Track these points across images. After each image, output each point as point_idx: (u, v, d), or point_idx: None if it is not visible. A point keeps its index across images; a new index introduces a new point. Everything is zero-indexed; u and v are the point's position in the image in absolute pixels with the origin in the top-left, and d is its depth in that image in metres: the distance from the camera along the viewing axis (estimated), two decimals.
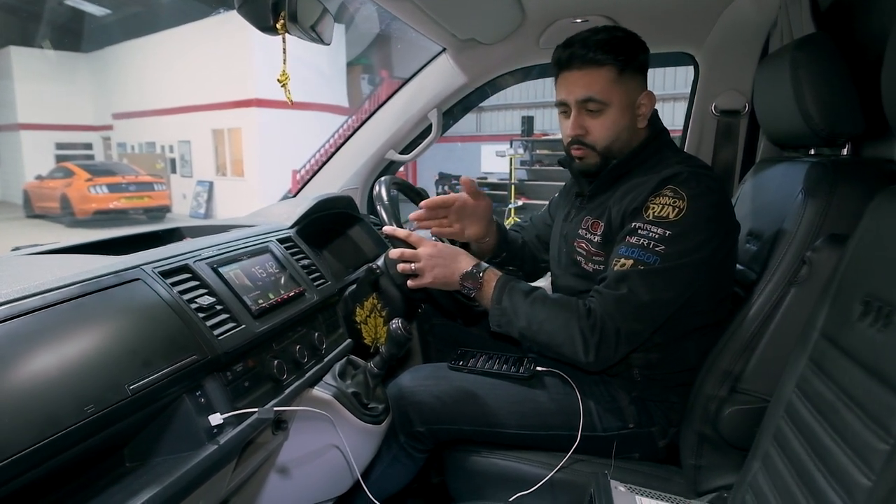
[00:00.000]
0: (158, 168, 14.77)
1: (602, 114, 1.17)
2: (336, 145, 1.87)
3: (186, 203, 14.19)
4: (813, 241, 1.05)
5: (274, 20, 0.97)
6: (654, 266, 1.06)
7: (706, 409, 1.11)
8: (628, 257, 1.08)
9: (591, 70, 1.15)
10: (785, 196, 1.17)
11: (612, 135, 1.19)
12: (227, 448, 0.83)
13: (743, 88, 1.60)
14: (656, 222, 1.08)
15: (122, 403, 0.69)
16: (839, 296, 0.85)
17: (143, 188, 12.61)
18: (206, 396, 0.84)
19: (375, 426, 1.12)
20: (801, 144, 1.31)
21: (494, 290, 1.18)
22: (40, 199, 13.21)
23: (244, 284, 1.01)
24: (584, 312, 1.09)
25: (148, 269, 0.86)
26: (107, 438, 0.70)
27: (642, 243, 1.08)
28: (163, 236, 1.30)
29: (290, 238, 1.26)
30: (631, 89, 1.18)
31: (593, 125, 1.19)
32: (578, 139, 1.21)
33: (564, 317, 1.10)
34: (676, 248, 1.06)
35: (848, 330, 0.79)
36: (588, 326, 1.07)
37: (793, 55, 1.15)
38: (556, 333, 1.10)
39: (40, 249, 1.05)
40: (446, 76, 1.69)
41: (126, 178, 12.59)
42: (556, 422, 1.20)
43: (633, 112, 1.20)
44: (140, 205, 12.56)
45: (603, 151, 1.20)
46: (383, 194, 1.32)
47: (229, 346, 0.88)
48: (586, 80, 1.16)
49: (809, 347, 0.87)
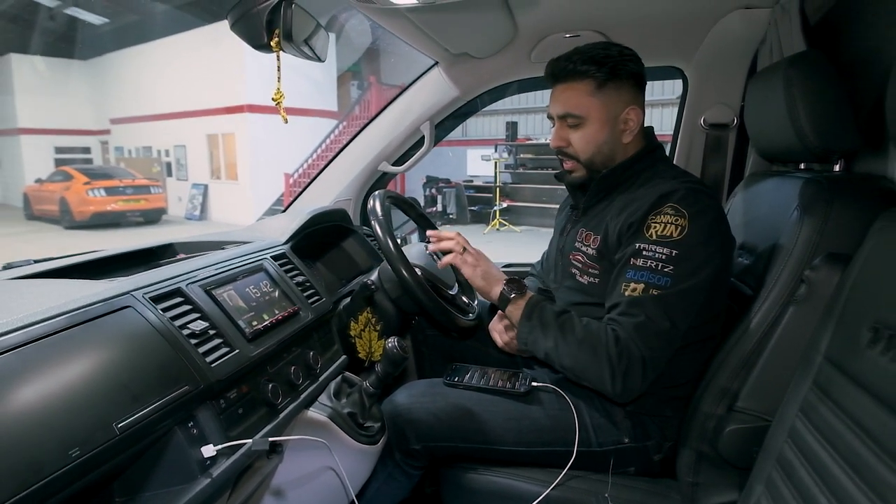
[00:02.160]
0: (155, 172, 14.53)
1: (581, 128, 1.15)
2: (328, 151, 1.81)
3: (182, 205, 13.99)
4: (810, 258, 1.01)
5: (268, 38, 0.91)
6: (667, 288, 1.01)
7: (704, 426, 1.07)
8: (638, 281, 1.03)
9: (572, 83, 1.14)
10: (778, 211, 1.13)
11: (591, 148, 1.16)
12: (221, 480, 0.77)
13: (732, 102, 1.56)
14: (660, 242, 1.04)
15: (110, 443, 0.63)
16: (844, 320, 0.80)
17: (140, 191, 12.38)
18: (199, 427, 0.78)
19: (371, 446, 1.06)
20: (792, 159, 1.27)
21: (525, 307, 1.13)
22: (40, 202, 12.95)
23: (238, 306, 0.95)
24: (612, 340, 1.03)
25: (139, 294, 0.80)
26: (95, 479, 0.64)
27: (650, 265, 1.03)
28: (157, 252, 1.23)
29: (285, 254, 1.19)
30: (612, 103, 1.14)
31: (574, 137, 1.17)
32: (560, 150, 1.19)
33: (593, 343, 1.04)
34: (684, 268, 1.02)
35: (856, 357, 0.75)
36: (616, 353, 1.01)
37: (786, 72, 1.11)
38: (582, 359, 1.05)
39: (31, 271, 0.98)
40: (439, 89, 1.63)
41: (123, 182, 12.35)
42: (552, 438, 1.15)
43: (616, 126, 1.15)
44: (137, 207, 12.34)
45: (586, 164, 1.18)
46: (377, 209, 1.25)
47: (223, 373, 0.82)
48: (566, 95, 1.15)
49: (813, 371, 0.83)
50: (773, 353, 1.01)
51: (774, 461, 0.85)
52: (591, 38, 1.48)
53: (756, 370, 1.02)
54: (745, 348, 1.04)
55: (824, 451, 0.74)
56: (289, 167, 11.79)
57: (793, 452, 0.81)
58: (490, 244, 10.02)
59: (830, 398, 0.77)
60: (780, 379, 0.96)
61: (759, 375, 1.02)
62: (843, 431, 0.72)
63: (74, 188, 11.89)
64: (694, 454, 1.08)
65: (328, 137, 11.87)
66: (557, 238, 1.34)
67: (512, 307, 1.15)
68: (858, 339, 0.75)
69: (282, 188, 11.86)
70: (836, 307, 0.83)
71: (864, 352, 0.73)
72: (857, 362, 0.74)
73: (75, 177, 12.20)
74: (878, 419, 0.67)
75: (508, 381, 1.21)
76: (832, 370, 0.79)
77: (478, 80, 1.62)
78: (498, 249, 9.45)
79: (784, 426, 0.85)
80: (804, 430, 0.80)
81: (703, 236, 1.03)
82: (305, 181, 3.32)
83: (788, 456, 0.81)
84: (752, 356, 1.03)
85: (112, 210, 11.97)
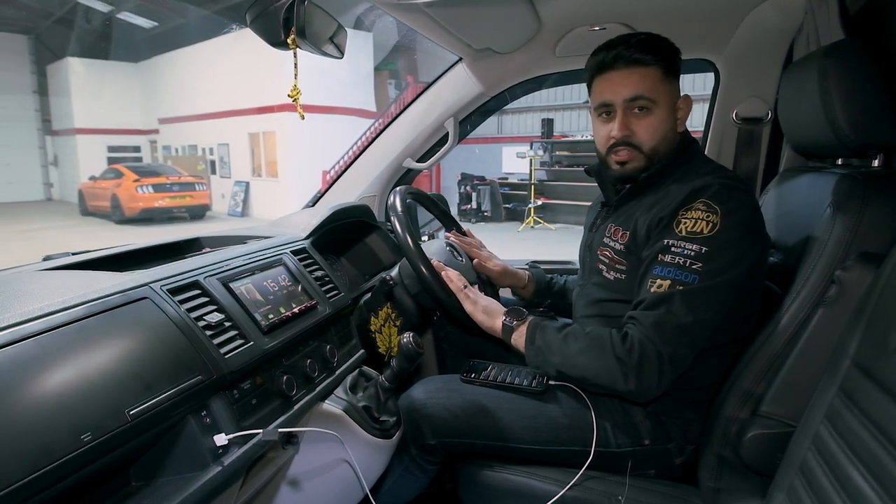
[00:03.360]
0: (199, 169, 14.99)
1: (650, 113, 1.10)
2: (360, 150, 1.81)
3: (225, 202, 14.38)
4: (842, 258, 0.96)
5: (285, 35, 0.92)
6: (694, 286, 0.98)
7: (726, 430, 1.03)
8: (665, 278, 1.00)
9: (638, 69, 1.09)
10: (811, 208, 1.08)
11: (658, 135, 1.12)
12: (232, 469, 0.78)
13: (765, 96, 1.49)
14: (690, 238, 1.00)
15: (122, 429, 0.65)
16: (874, 323, 0.76)
17: (186, 188, 12.80)
18: (212, 416, 0.79)
19: (385, 440, 1.06)
20: (827, 155, 1.21)
21: (527, 332, 1.11)
22: (93, 199, 13.52)
23: (255, 299, 0.96)
24: (618, 339, 1.00)
25: (156, 286, 0.82)
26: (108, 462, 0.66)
27: (678, 262, 0.99)
28: (184, 246, 1.26)
29: (305, 249, 1.20)
30: (673, 92, 1.12)
31: (640, 126, 1.11)
32: (625, 140, 1.12)
33: (598, 347, 1.02)
34: (714, 266, 0.98)
35: (883, 362, 0.70)
36: (624, 352, 0.98)
37: (821, 63, 1.06)
38: (591, 365, 1.02)
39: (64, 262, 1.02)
40: (463, 85, 1.62)
41: (170, 179, 12.79)
42: (568, 437, 1.13)
43: (674, 115, 1.13)
44: (182, 203, 12.76)
45: (649, 153, 1.12)
46: (397, 204, 1.25)
47: (236, 364, 0.83)
48: (634, 79, 1.09)
49: (840, 376, 0.78)
50: (800, 356, 0.96)
51: (797, 469, 0.81)
52: (617, 32, 1.44)
53: (782, 374, 0.98)
54: (772, 351, 1.00)
55: (848, 460, 0.70)
56: (326, 164, 11.97)
57: (816, 461, 0.77)
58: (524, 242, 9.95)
59: (856, 405, 0.73)
60: (807, 383, 0.92)
61: (785, 379, 0.97)
62: (867, 440, 0.68)
63: (125, 185, 12.38)
64: (716, 459, 1.04)
65: (363, 136, 11.99)
66: (587, 235, 1.32)
67: (516, 335, 1.14)
68: (887, 343, 0.71)
69: (319, 185, 12.03)
70: (866, 309, 0.78)
71: (891, 357, 0.69)
72: (884, 368, 0.70)
73: (125, 174, 12.70)
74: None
75: (525, 378, 1.19)
76: (859, 375, 0.74)
77: (502, 75, 1.60)
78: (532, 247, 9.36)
79: (808, 433, 0.81)
80: (828, 437, 0.76)
81: (735, 233, 0.99)
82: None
83: (811, 464, 0.77)
84: (778, 359, 0.99)
85: (159, 206, 12.41)
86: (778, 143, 1.51)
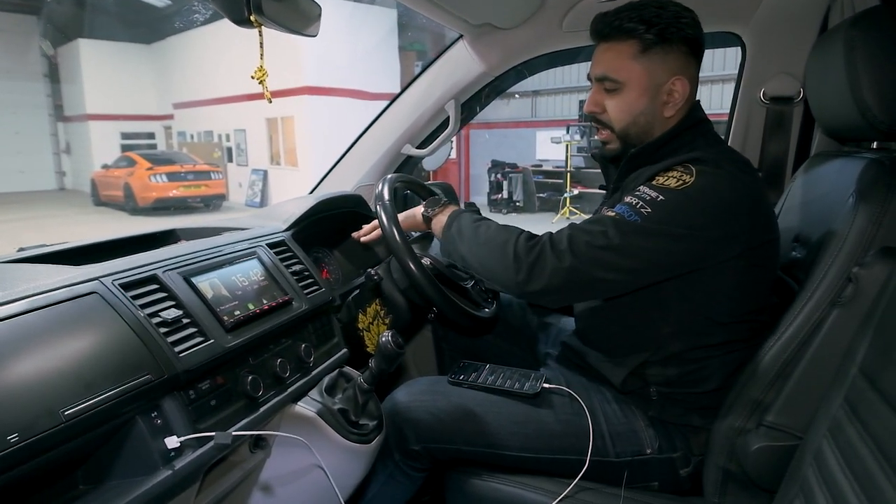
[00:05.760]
0: (215, 157, 15.27)
1: (617, 94, 1.11)
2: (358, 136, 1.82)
3: (242, 191, 14.63)
4: (863, 253, 0.92)
5: (248, 12, 0.92)
6: (631, 222, 0.98)
7: (731, 441, 1.00)
8: (613, 210, 1.02)
9: (614, 44, 1.09)
10: (836, 197, 1.04)
11: (626, 117, 1.11)
12: (184, 473, 0.80)
13: (796, 72, 1.43)
14: (654, 187, 1.00)
15: (55, 430, 0.66)
16: (884, 326, 0.73)
17: (201, 177, 13.05)
18: (164, 418, 0.81)
19: (363, 445, 1.07)
20: (857, 138, 1.16)
21: (447, 220, 1.20)
22: (106, 188, 13.93)
23: (221, 295, 0.97)
24: (525, 237, 1.06)
25: (108, 281, 0.84)
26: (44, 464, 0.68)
27: (631, 202, 1.01)
28: (159, 238, 1.29)
29: (284, 242, 1.22)
30: (656, 70, 1.08)
31: (609, 104, 1.13)
32: (594, 115, 1.16)
33: (503, 241, 1.06)
34: (663, 216, 0.97)
35: (890, 371, 0.67)
36: (525, 249, 1.03)
37: (847, 34, 1.01)
38: (491, 256, 1.07)
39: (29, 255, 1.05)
40: (464, 65, 1.61)
41: (184, 167, 13.06)
42: (563, 445, 1.12)
43: (657, 97, 1.10)
44: (197, 193, 13.02)
45: (620, 135, 1.13)
46: (385, 194, 1.25)
47: (192, 363, 0.84)
48: (606, 56, 1.11)
49: (846, 384, 0.76)
50: (812, 361, 0.93)
51: (798, 487, 0.78)
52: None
53: (791, 381, 0.95)
54: (783, 355, 0.97)
55: (844, 476, 0.67)
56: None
57: (815, 478, 0.74)
58: None
59: (859, 418, 0.70)
60: (817, 392, 0.88)
61: (795, 387, 0.94)
62: (865, 457, 0.65)
63: (138, 174, 12.71)
64: (720, 472, 1.02)
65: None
66: None
67: (435, 223, 1.23)
68: (893, 350, 0.68)
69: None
70: (876, 311, 0.75)
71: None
72: (890, 377, 0.67)
73: (139, 162, 13.03)
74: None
75: (518, 381, 1.18)
76: (865, 385, 0.72)
77: (506, 53, 1.58)
78: None
79: (812, 446, 0.78)
80: (829, 452, 0.73)
81: (703, 200, 0.97)
82: None
83: (811, 482, 0.75)
84: (788, 366, 0.96)
85: (174, 196, 12.70)
86: (810, 124, 1.45)
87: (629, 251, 0.98)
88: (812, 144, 1.43)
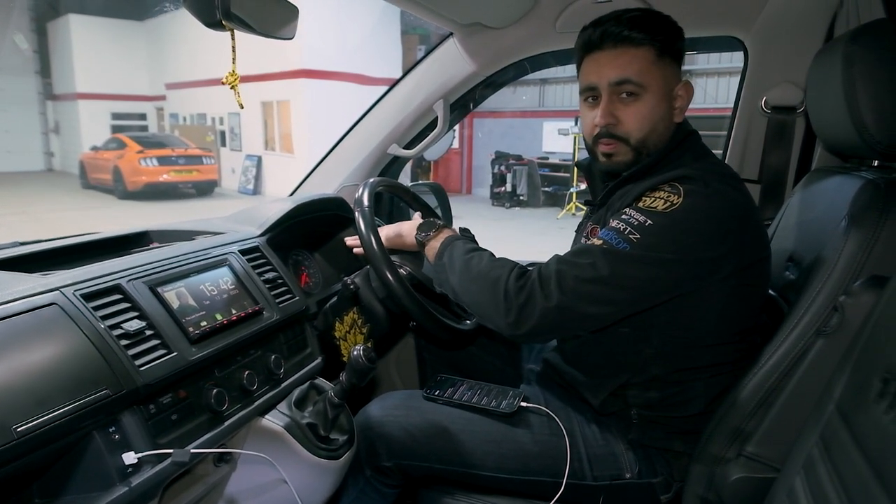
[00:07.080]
0: (208, 141, 15.27)
1: (638, 100, 1.09)
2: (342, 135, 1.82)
3: (235, 178, 14.62)
4: (851, 281, 0.93)
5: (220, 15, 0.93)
6: (620, 250, 0.98)
7: (711, 470, 1.01)
8: (600, 238, 1.02)
9: (627, 49, 1.08)
10: (832, 218, 1.04)
11: (648, 125, 1.10)
12: (141, 490, 0.81)
13: (800, 81, 1.43)
14: (641, 210, 1.01)
15: (7, 447, 0.68)
16: (861, 363, 0.73)
17: (192, 161, 13.08)
18: (122, 433, 0.82)
19: (331, 461, 1.08)
20: (855, 155, 1.16)
21: (440, 247, 1.19)
22: (95, 171, 13.96)
23: (187, 305, 0.99)
24: (516, 274, 1.04)
25: (68, 291, 0.85)
26: None
27: (619, 227, 1.01)
28: (132, 240, 1.30)
29: (258, 248, 1.23)
30: (669, 76, 1.10)
31: (626, 114, 1.10)
32: (608, 130, 1.11)
33: (494, 278, 1.06)
34: (652, 241, 0.98)
35: (863, 411, 0.68)
36: (516, 288, 1.02)
37: (847, 49, 1.02)
38: (482, 293, 1.07)
39: None
40: (453, 64, 1.61)
41: (176, 151, 13.08)
42: (538, 466, 1.13)
43: (670, 103, 1.11)
44: (189, 178, 13.05)
45: (636, 145, 1.11)
46: (364, 198, 1.25)
47: (152, 376, 0.86)
48: (622, 60, 1.08)
49: (823, 421, 0.76)
50: (793, 393, 0.94)
51: None
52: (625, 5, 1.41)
53: (773, 411, 0.96)
54: (765, 384, 0.98)
55: None
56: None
57: None
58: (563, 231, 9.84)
59: (830, 458, 0.71)
60: (797, 424, 0.89)
61: (776, 418, 0.95)
62: (832, 501, 0.66)
63: (127, 157, 12.74)
64: (699, 501, 1.03)
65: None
66: (575, 237, 1.32)
67: (428, 249, 1.23)
68: (869, 388, 0.68)
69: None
70: (857, 345, 0.76)
71: (870, 406, 0.67)
72: (862, 417, 0.68)
73: (129, 145, 13.05)
74: (866, 488, 0.61)
75: (495, 398, 1.20)
76: (839, 424, 0.73)
77: (497, 53, 1.59)
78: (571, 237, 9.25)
79: (786, 482, 0.80)
80: (801, 491, 0.74)
81: (693, 219, 0.98)
82: None
83: None
84: (770, 395, 0.97)
85: (164, 181, 12.73)
86: (813, 136, 1.45)
87: (619, 282, 0.98)
88: (814, 157, 1.43)
